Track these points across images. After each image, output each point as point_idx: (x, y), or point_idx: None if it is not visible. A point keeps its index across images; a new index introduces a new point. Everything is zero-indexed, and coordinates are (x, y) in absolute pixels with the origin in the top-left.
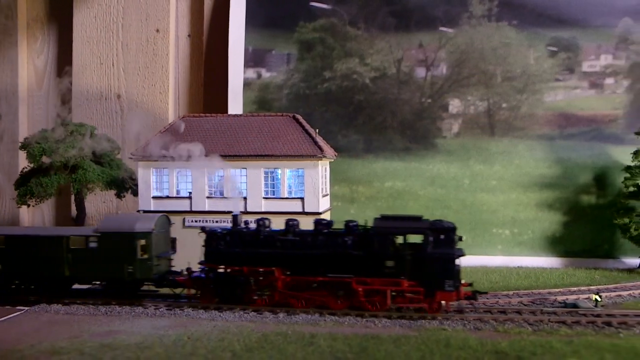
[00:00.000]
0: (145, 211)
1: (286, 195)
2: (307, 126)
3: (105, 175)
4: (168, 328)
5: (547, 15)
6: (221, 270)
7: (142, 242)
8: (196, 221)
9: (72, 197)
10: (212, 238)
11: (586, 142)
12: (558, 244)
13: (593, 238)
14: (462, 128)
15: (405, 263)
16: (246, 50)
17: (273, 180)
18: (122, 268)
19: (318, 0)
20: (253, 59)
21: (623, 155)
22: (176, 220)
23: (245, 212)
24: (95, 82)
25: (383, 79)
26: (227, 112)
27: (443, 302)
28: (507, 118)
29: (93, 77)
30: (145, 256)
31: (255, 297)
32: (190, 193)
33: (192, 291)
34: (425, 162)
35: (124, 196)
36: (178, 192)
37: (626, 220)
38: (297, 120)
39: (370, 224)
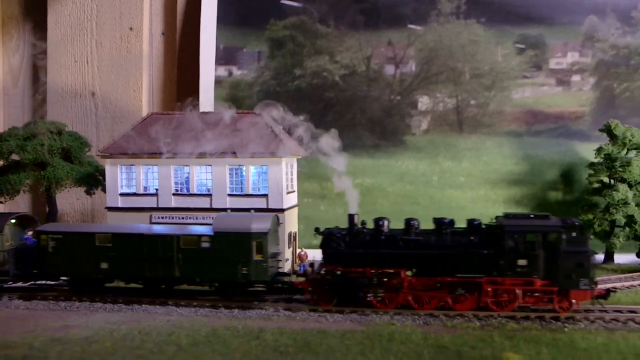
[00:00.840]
0: (111, 208)
1: (251, 192)
2: (273, 124)
3: (75, 173)
4: (122, 323)
5: (515, 13)
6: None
7: (258, 242)
8: (163, 218)
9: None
10: (331, 239)
11: (553, 139)
12: None
13: None
14: (431, 125)
15: (538, 262)
16: (217, 48)
17: (238, 177)
18: (236, 269)
19: None
20: (224, 57)
21: (589, 152)
22: (144, 217)
23: (210, 209)
24: (69, 79)
25: (353, 77)
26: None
27: (574, 300)
28: (476, 115)
29: (67, 75)
30: (261, 257)
31: (370, 298)
32: (157, 190)
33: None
34: (394, 158)
35: (94, 193)
36: (145, 189)
37: (590, 216)
38: (262, 118)
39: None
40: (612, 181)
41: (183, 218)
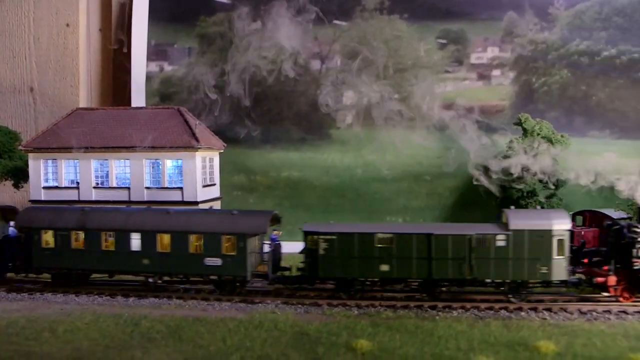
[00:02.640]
0: (35, 201)
1: (167, 185)
2: (191, 119)
3: (1, 166)
4: (15, 311)
5: (437, 9)
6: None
7: (559, 240)
8: None
9: None
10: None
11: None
12: None
13: None
14: (356, 118)
15: None
16: (149, 44)
17: (155, 171)
18: (535, 269)
19: None
20: (156, 53)
21: None
22: None
23: (129, 202)
24: (8, 74)
25: (280, 72)
26: (130, 104)
27: None
28: (399, 109)
29: (6, 70)
30: (562, 256)
31: None
32: (78, 183)
33: None
34: (320, 152)
35: (22, 186)
36: (69, 182)
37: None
38: (181, 113)
39: None
40: (524, 174)
41: None
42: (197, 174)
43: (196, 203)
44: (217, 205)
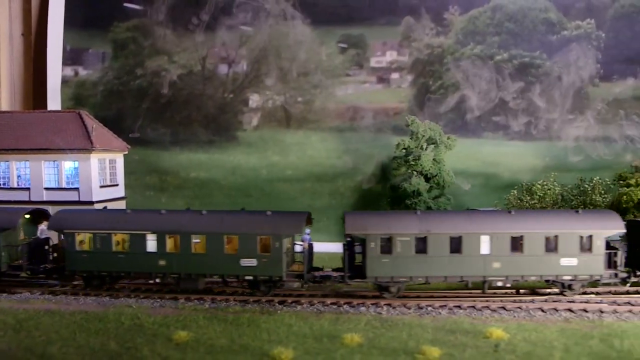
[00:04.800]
0: None
1: (64, 186)
2: (89, 122)
3: None
4: None
5: (338, 14)
6: None
7: None
8: None
9: None
10: None
11: (373, 134)
12: None
13: None
14: (261, 121)
15: None
16: (65, 48)
17: (54, 172)
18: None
19: (131, 1)
20: (71, 58)
21: None
22: None
23: (29, 202)
24: None
25: (189, 76)
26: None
27: None
28: (302, 111)
29: None
30: None
31: None
32: None
33: None
34: (227, 153)
35: None
36: None
37: (396, 208)
38: (81, 117)
39: None
40: (414, 173)
41: None
42: (92, 175)
43: (92, 203)
44: (121, 205)
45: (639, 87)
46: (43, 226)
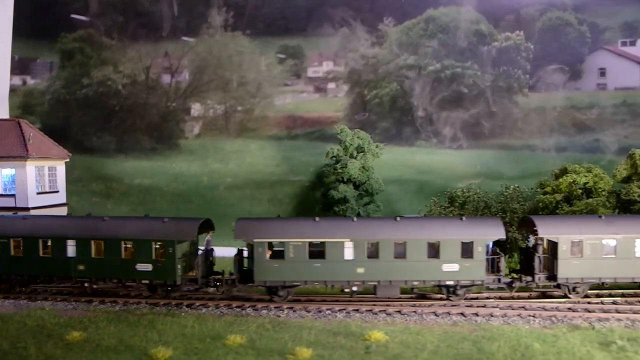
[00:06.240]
0: None
1: (2, 192)
2: (27, 130)
3: None
4: None
5: (276, 25)
6: None
7: None
8: None
9: None
10: None
11: (310, 142)
12: None
13: None
14: (203, 129)
15: None
16: (13, 58)
17: None
18: None
19: (78, 12)
20: (19, 67)
21: None
22: None
23: None
24: None
25: (134, 85)
26: None
27: None
28: (242, 120)
29: None
30: None
31: None
32: None
33: None
34: (169, 161)
35: None
36: None
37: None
38: (20, 125)
39: None
40: (342, 180)
41: None
42: (28, 182)
43: (28, 209)
44: (62, 211)
45: (565, 97)
46: (209, 237)
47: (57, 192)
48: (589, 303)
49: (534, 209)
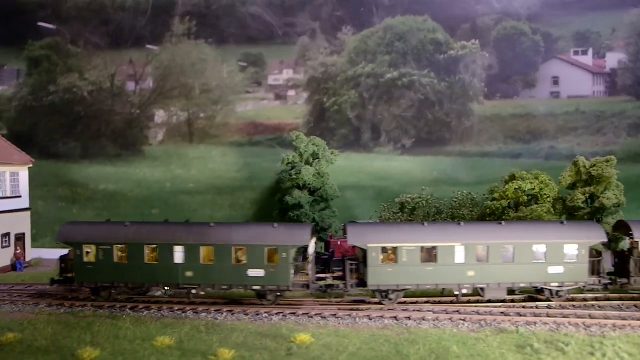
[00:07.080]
0: None
1: None
2: None
3: None
4: None
5: (238, 34)
6: None
7: None
8: None
9: None
10: None
11: (271, 148)
12: None
13: None
14: (166, 136)
15: None
16: None
17: None
18: None
19: (45, 20)
20: None
21: None
22: None
23: None
24: None
25: (99, 92)
26: None
27: None
28: (204, 127)
29: None
30: None
31: None
32: None
33: None
34: (133, 167)
35: None
36: None
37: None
38: None
39: None
40: (296, 186)
41: None
42: None
43: None
44: (25, 215)
45: (519, 105)
46: (314, 242)
47: (20, 197)
48: (523, 307)
49: (482, 215)
